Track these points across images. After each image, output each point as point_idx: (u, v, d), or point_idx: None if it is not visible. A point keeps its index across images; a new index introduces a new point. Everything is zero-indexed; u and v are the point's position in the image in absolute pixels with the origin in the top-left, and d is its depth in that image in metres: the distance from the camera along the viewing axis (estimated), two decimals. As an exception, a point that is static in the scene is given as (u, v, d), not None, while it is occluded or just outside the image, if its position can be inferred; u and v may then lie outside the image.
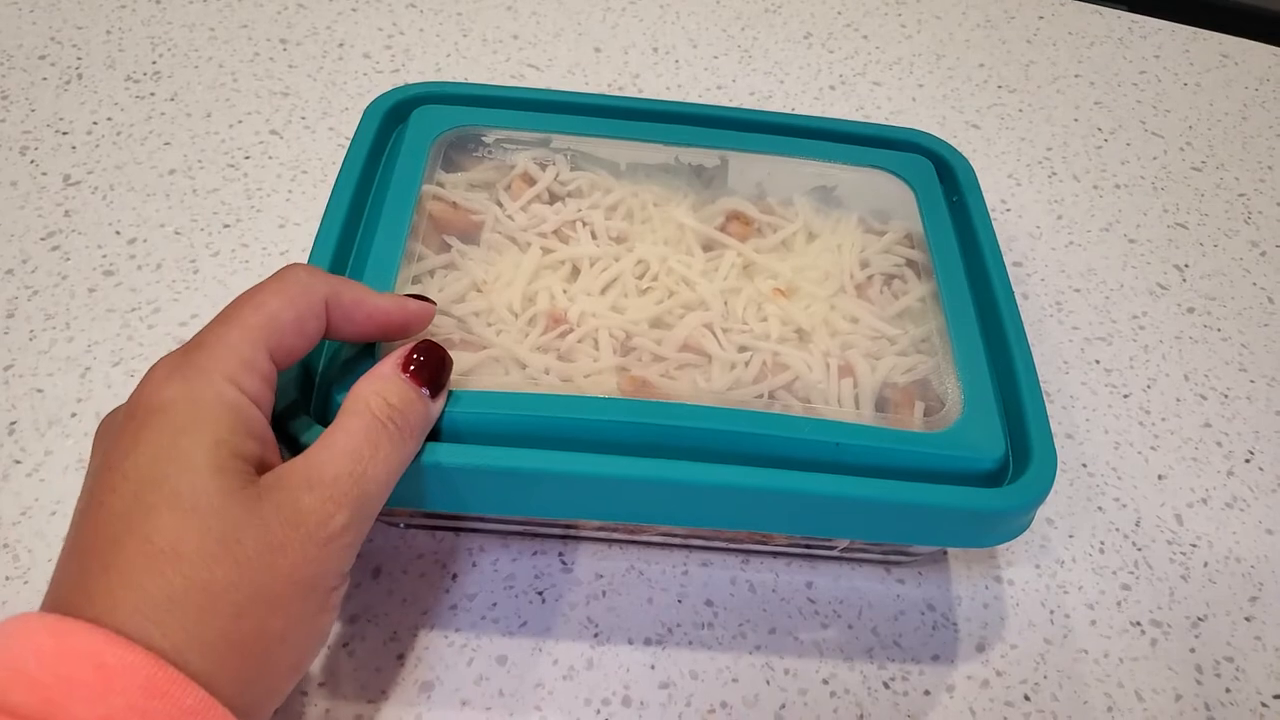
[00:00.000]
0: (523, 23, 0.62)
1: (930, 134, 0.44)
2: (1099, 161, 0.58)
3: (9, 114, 0.52)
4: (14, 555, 0.35)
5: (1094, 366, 0.47)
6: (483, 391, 0.32)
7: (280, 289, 0.28)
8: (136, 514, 0.24)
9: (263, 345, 0.27)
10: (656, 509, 0.32)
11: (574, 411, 0.31)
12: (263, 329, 0.27)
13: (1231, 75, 0.65)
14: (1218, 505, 0.42)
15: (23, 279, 0.44)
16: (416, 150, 0.39)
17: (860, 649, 0.36)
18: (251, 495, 0.25)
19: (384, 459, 0.27)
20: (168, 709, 0.22)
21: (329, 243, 0.35)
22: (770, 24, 0.64)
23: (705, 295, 0.36)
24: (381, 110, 0.41)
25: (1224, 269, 0.52)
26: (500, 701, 0.34)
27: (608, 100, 0.43)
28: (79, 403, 0.40)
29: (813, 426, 0.32)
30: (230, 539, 0.24)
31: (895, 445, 0.32)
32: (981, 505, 0.31)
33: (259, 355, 0.27)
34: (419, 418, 0.29)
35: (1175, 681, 0.36)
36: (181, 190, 0.49)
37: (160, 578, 0.23)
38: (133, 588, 0.23)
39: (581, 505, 0.32)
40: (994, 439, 0.33)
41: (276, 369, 0.28)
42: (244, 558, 0.24)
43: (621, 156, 0.41)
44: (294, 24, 0.59)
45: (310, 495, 0.25)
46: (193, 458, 0.24)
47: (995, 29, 0.67)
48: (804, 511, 0.32)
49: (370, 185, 0.39)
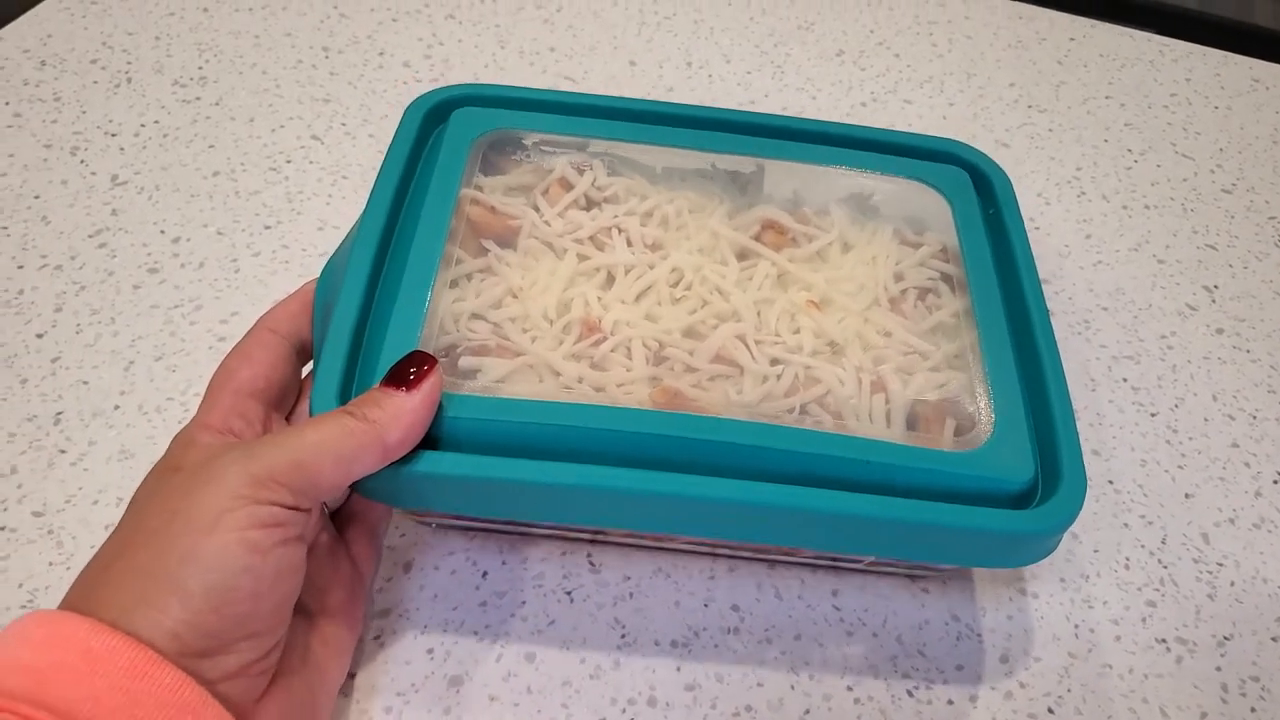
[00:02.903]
0: (559, 35, 0.63)
1: (967, 144, 0.44)
2: (1129, 182, 0.58)
3: (61, 115, 0.53)
4: (58, 541, 0.36)
5: (1121, 385, 0.47)
6: (517, 400, 0.32)
7: (239, 346, 0.34)
8: (135, 541, 0.27)
9: (228, 390, 0.32)
10: (685, 522, 0.32)
11: (606, 423, 0.31)
12: (223, 382, 0.33)
13: (1262, 99, 0.65)
14: (1245, 525, 0.42)
15: (71, 275, 0.45)
16: (456, 152, 0.39)
17: (884, 657, 0.36)
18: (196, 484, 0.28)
19: (335, 437, 0.28)
20: (149, 688, 0.24)
21: (369, 246, 0.35)
22: (803, 41, 0.65)
23: (738, 306, 0.36)
24: (422, 110, 0.41)
25: (1254, 291, 0.52)
26: (528, 699, 0.34)
27: (645, 105, 0.43)
28: (122, 395, 0.41)
29: (844, 444, 0.32)
30: (158, 529, 0.27)
31: (926, 465, 0.32)
32: (1010, 527, 0.31)
33: (225, 399, 0.32)
34: (380, 413, 0.29)
35: (1200, 699, 0.36)
36: (224, 192, 0.50)
37: (136, 582, 0.26)
38: (116, 590, 0.26)
39: (611, 516, 0.32)
40: (1024, 460, 0.32)
41: (251, 398, 0.32)
42: (177, 530, 0.26)
43: (657, 161, 0.41)
44: (336, 33, 0.61)
45: (249, 458, 0.27)
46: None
47: (1026, 49, 0.67)
48: (833, 530, 0.32)
49: (409, 185, 0.39)
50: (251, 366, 0.33)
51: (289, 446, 0.28)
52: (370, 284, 0.35)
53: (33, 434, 0.39)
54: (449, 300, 0.35)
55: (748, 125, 0.43)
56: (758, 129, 0.43)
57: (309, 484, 0.28)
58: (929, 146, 0.43)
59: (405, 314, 0.34)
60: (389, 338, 0.33)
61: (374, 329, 0.34)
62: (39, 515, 0.37)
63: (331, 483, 0.28)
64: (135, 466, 0.39)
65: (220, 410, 0.31)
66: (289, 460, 0.27)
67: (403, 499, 0.32)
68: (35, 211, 0.48)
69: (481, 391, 0.32)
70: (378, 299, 0.35)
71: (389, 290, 0.35)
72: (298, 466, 0.27)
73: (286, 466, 0.27)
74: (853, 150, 0.42)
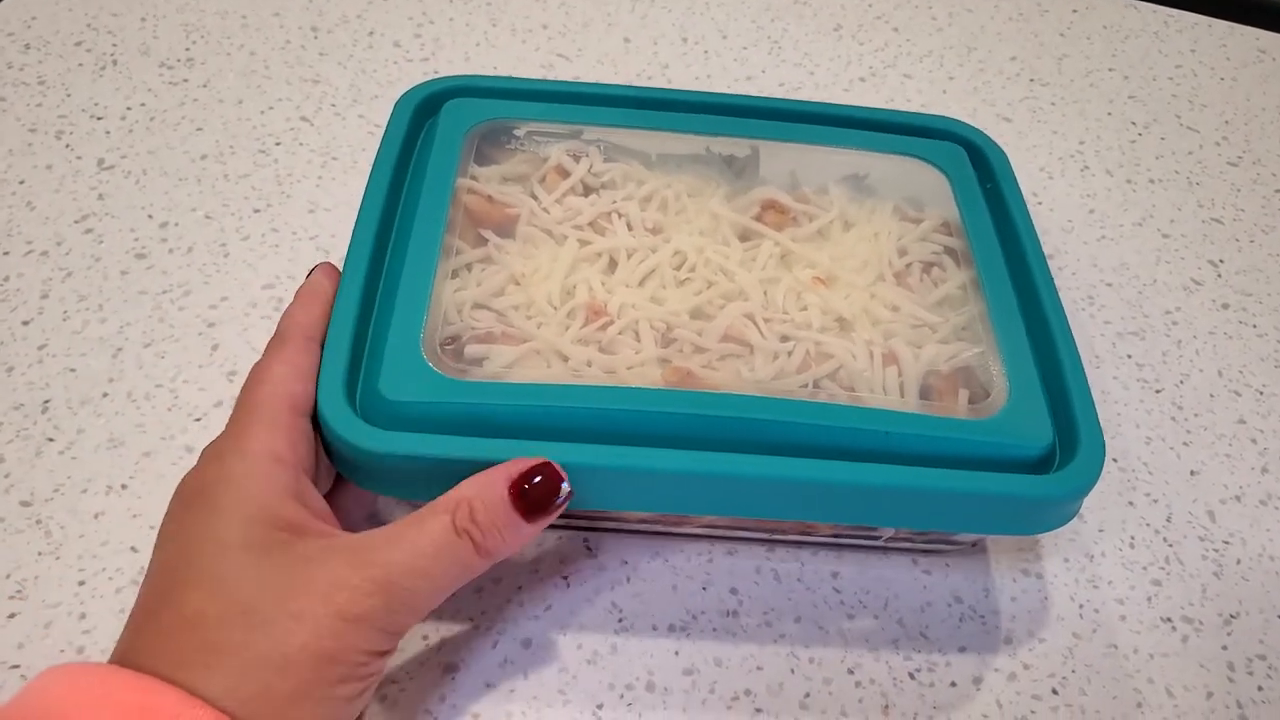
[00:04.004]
0: (552, 13, 0.62)
1: (962, 121, 0.43)
2: (1133, 156, 0.57)
3: (46, 99, 0.52)
4: (46, 531, 0.36)
5: (1126, 361, 0.46)
6: (528, 384, 0.31)
7: (283, 356, 0.31)
8: (174, 590, 0.26)
9: (285, 408, 0.29)
10: (705, 501, 0.32)
11: (619, 403, 0.31)
12: (280, 397, 0.30)
13: (1269, 70, 0.64)
14: (1251, 503, 0.41)
15: (57, 261, 0.45)
16: (449, 143, 0.39)
17: (886, 639, 0.36)
18: (280, 564, 0.26)
19: (444, 569, 0.27)
20: None
21: (366, 241, 0.35)
22: (800, 15, 0.64)
23: (744, 285, 0.36)
24: (413, 104, 0.41)
25: (1260, 265, 0.51)
26: (524, 685, 0.34)
27: (638, 91, 0.43)
28: (110, 382, 0.40)
29: (862, 415, 0.32)
30: (249, 606, 0.25)
31: (944, 433, 0.32)
32: (1032, 492, 0.31)
33: (283, 417, 0.29)
34: (499, 543, 0.28)
35: (1206, 679, 0.36)
36: (213, 175, 0.49)
37: (180, 640, 0.25)
38: (158, 649, 0.25)
39: (630, 498, 0.32)
40: (1041, 425, 0.32)
41: (305, 418, 0.30)
42: (258, 621, 0.25)
43: (652, 147, 0.41)
44: (325, 12, 0.60)
45: (351, 573, 0.26)
46: (224, 537, 0.27)
47: (1028, 22, 0.66)
48: (854, 502, 0.31)
49: (403, 179, 0.39)
50: (304, 381, 0.30)
51: (399, 565, 0.26)
52: (370, 278, 0.34)
53: (20, 423, 0.39)
54: (451, 290, 0.34)
55: (742, 108, 0.42)
56: (752, 111, 0.42)
57: (404, 612, 0.27)
58: (923, 124, 0.43)
59: (408, 306, 0.33)
60: (393, 330, 0.32)
61: (378, 323, 0.34)
62: (27, 505, 0.36)
63: (426, 610, 0.28)
64: (125, 454, 0.38)
65: (285, 432, 0.29)
66: (385, 579, 0.26)
67: (414, 490, 0.31)
68: (20, 197, 0.47)
69: (490, 378, 0.32)
70: (380, 293, 0.35)
71: (390, 284, 0.34)
72: (401, 593, 0.27)
73: (395, 586, 0.26)
74: (847, 130, 0.42)
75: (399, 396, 0.31)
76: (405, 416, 0.30)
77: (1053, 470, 0.32)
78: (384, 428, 0.30)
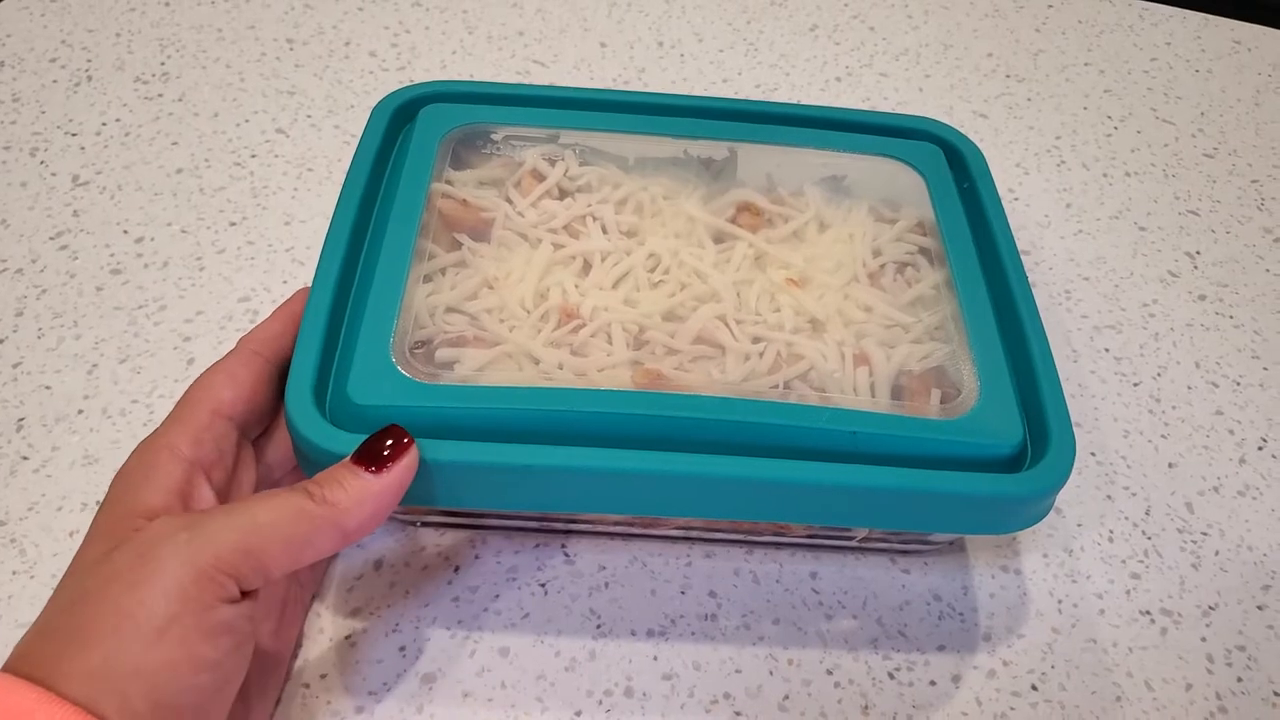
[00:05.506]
0: (528, 19, 0.62)
1: (939, 121, 0.43)
2: (1109, 150, 0.57)
3: (20, 116, 0.52)
4: (20, 550, 0.36)
5: (1103, 355, 0.46)
6: (497, 387, 0.31)
7: (222, 364, 0.32)
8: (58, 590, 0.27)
9: (205, 410, 0.31)
10: (675, 502, 0.32)
11: (589, 405, 0.31)
12: (204, 400, 0.31)
13: (1244, 61, 0.64)
14: (1229, 493, 0.41)
15: (31, 278, 0.45)
16: (425, 148, 0.39)
17: (865, 639, 0.36)
18: (128, 549, 0.26)
19: (282, 517, 0.27)
20: None
21: (339, 246, 0.35)
22: (776, 16, 0.64)
23: (717, 287, 0.36)
24: (389, 110, 0.41)
25: (1236, 256, 0.52)
26: (502, 693, 0.33)
27: (614, 95, 0.43)
28: (86, 399, 0.40)
29: (829, 415, 0.32)
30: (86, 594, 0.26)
31: (913, 433, 0.32)
32: (1002, 491, 0.31)
33: (199, 417, 0.30)
34: (339, 492, 0.28)
35: (1185, 671, 0.36)
36: (188, 189, 0.49)
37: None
38: (29, 650, 0.25)
39: (600, 500, 0.32)
40: (1011, 424, 0.32)
41: (228, 421, 0.31)
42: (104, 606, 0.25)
43: (629, 150, 0.41)
44: (300, 24, 0.60)
45: (191, 535, 0.26)
46: (93, 532, 0.28)
47: (1004, 18, 0.66)
48: (824, 502, 0.31)
49: (379, 185, 0.39)
50: (235, 388, 0.31)
51: (237, 528, 0.26)
52: (342, 282, 0.34)
53: (-5, 441, 0.39)
54: (423, 294, 0.34)
55: (719, 111, 0.42)
56: (729, 114, 0.42)
57: (256, 571, 0.27)
58: (900, 124, 0.43)
59: (379, 310, 0.33)
60: (363, 335, 0.32)
61: (349, 327, 0.34)
62: (1, 524, 0.36)
63: (281, 567, 0.27)
64: (100, 472, 0.38)
65: (193, 429, 0.30)
66: (236, 546, 0.26)
67: None
68: (-5, 215, 0.47)
69: (460, 381, 0.32)
70: (352, 297, 0.35)
71: (362, 288, 0.34)
72: (245, 553, 0.26)
73: (233, 554, 0.26)
74: (824, 131, 0.42)
75: (366, 400, 0.31)
76: (373, 420, 0.30)
77: (1024, 469, 0.32)
78: (352, 431, 0.30)
